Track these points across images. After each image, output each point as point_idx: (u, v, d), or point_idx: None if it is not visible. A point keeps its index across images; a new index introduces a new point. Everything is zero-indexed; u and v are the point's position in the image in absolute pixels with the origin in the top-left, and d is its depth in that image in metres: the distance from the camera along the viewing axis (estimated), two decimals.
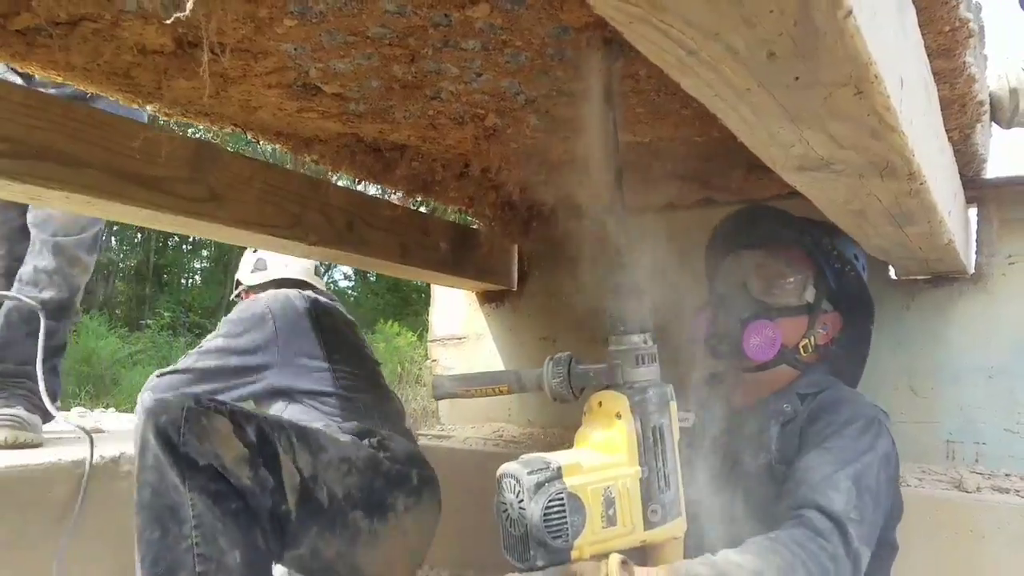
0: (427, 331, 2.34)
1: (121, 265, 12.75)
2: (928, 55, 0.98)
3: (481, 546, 1.88)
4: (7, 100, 1.09)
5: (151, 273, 12.77)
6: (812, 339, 1.28)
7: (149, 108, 1.25)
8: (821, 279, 1.29)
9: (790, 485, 1.10)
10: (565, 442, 1.84)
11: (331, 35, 0.96)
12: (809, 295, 1.28)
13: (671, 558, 0.93)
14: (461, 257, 1.90)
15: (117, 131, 1.19)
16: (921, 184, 0.89)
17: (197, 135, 1.47)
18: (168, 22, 0.78)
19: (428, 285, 2.32)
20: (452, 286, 2.19)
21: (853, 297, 1.31)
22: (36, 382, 1.50)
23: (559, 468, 0.84)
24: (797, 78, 0.59)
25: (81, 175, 1.14)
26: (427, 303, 2.35)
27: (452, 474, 1.95)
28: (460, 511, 1.93)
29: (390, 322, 9.97)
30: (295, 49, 1.00)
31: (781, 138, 0.74)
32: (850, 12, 0.49)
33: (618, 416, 0.91)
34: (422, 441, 2.06)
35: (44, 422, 1.56)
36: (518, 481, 0.83)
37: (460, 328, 2.25)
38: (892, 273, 1.69)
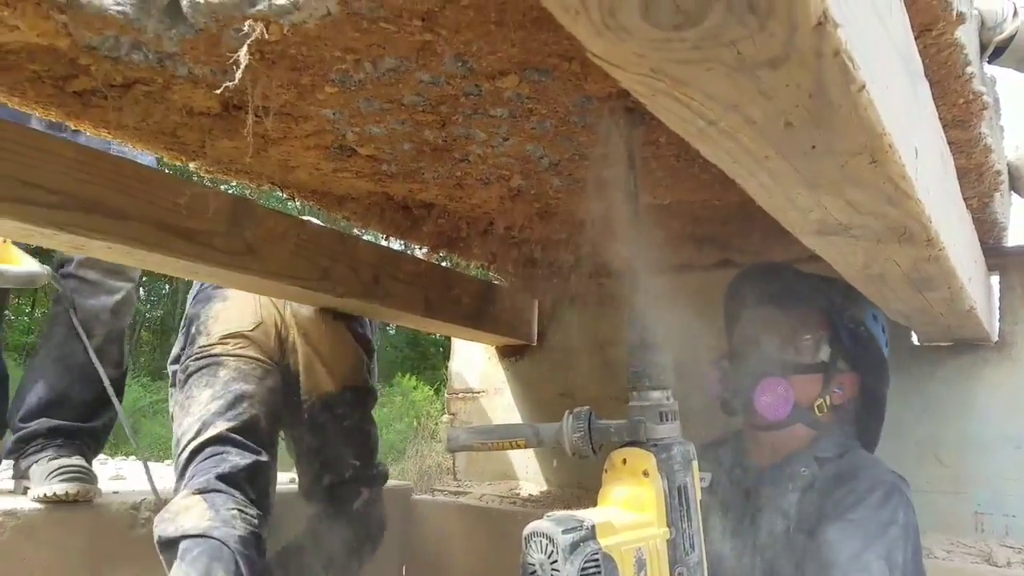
0: (444, 386, 2.35)
1: (148, 315, 12.96)
2: (944, 126, 1.01)
3: None
4: (61, 156, 1.15)
5: (176, 324, 12.95)
6: (827, 399, 1.27)
7: (192, 165, 1.31)
8: (836, 338, 1.29)
9: (816, 564, 1.08)
10: (582, 502, 1.83)
11: (368, 102, 1.01)
12: (824, 354, 1.28)
13: None
14: (483, 311, 1.93)
15: (161, 186, 1.25)
16: (940, 250, 0.91)
17: (229, 190, 1.52)
18: (217, 92, 0.83)
19: (446, 340, 2.35)
20: (473, 340, 2.22)
21: (867, 358, 1.31)
22: (91, 435, 1.53)
23: (593, 527, 0.81)
24: (814, 147, 0.62)
25: (125, 227, 1.20)
26: (445, 357, 2.37)
27: (467, 531, 1.94)
28: (476, 571, 1.90)
29: (408, 376, 9.98)
30: (334, 114, 1.06)
31: (799, 203, 0.77)
32: (863, 86, 0.52)
33: (645, 474, 0.90)
34: (438, 498, 2.05)
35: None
36: (551, 540, 0.80)
37: (479, 382, 2.27)
38: (915, 339, 1.69)
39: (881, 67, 0.56)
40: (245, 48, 0.81)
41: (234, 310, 1.65)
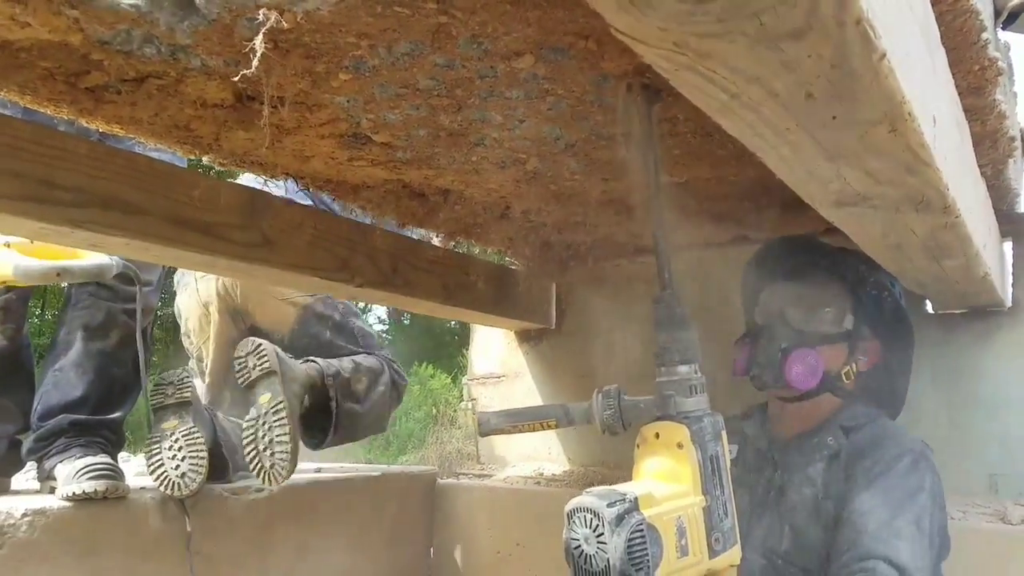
0: (461, 374, 2.37)
1: (160, 312, 13.06)
2: (959, 93, 1.00)
3: None
4: (74, 152, 1.16)
5: None
6: (854, 366, 1.28)
7: (206, 159, 1.31)
8: (859, 306, 1.29)
9: (849, 532, 1.09)
10: (606, 480, 1.85)
11: (383, 88, 1.01)
12: (848, 323, 1.29)
13: None
14: (501, 296, 1.93)
15: (177, 180, 1.25)
16: (956, 217, 0.91)
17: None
18: (235, 79, 0.84)
19: (462, 328, 2.36)
20: (492, 325, 2.23)
21: (892, 324, 1.31)
22: (113, 431, 1.56)
23: (636, 499, 0.82)
24: (834, 117, 0.62)
25: (142, 222, 1.21)
26: (461, 345, 2.39)
27: (493, 513, 1.96)
28: (503, 550, 1.93)
29: (424, 364, 10.02)
30: (348, 101, 1.06)
31: (819, 174, 0.77)
32: (884, 55, 0.52)
33: (679, 446, 0.91)
34: (463, 482, 2.08)
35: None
36: (596, 515, 0.81)
37: (499, 367, 2.28)
38: (929, 307, 1.68)
39: (901, 36, 0.56)
40: (260, 36, 0.81)
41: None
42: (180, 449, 1.52)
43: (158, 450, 1.50)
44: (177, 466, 1.50)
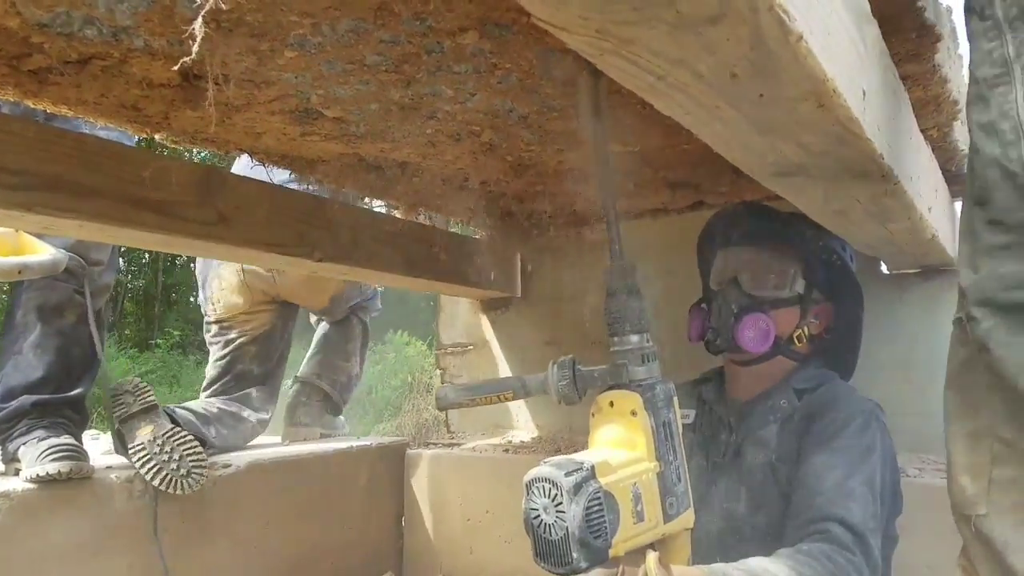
0: (436, 341, 2.38)
1: (129, 286, 12.86)
2: (898, 60, 1.03)
3: (495, 552, 1.93)
4: (21, 135, 1.14)
5: (159, 293, 12.87)
6: (806, 329, 1.32)
7: (157, 137, 1.30)
8: (810, 270, 1.32)
9: (803, 494, 1.13)
10: (573, 445, 1.89)
11: (330, 64, 1.01)
12: (799, 286, 1.31)
13: (681, 549, 0.96)
14: (464, 266, 1.95)
15: (128, 160, 1.24)
16: (895, 184, 0.94)
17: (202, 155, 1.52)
18: (176, 66, 0.83)
19: (435, 295, 2.37)
20: (457, 295, 2.24)
21: (842, 286, 1.35)
22: (75, 410, 1.56)
23: (592, 467, 0.85)
24: (761, 95, 0.63)
25: (94, 204, 1.19)
26: (435, 313, 2.40)
27: (463, 481, 2.00)
28: (472, 518, 1.97)
29: (399, 332, 10.03)
30: (296, 78, 1.05)
31: (754, 148, 0.79)
32: (801, 37, 0.54)
33: (633, 414, 0.93)
34: (433, 450, 2.11)
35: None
36: (554, 484, 0.83)
37: (466, 336, 2.30)
38: (883, 268, 1.73)
39: (820, 15, 0.58)
40: (200, 20, 0.80)
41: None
42: (172, 450, 1.55)
43: (149, 456, 1.52)
44: (178, 466, 1.54)
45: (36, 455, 1.40)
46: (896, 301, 1.71)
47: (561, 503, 0.83)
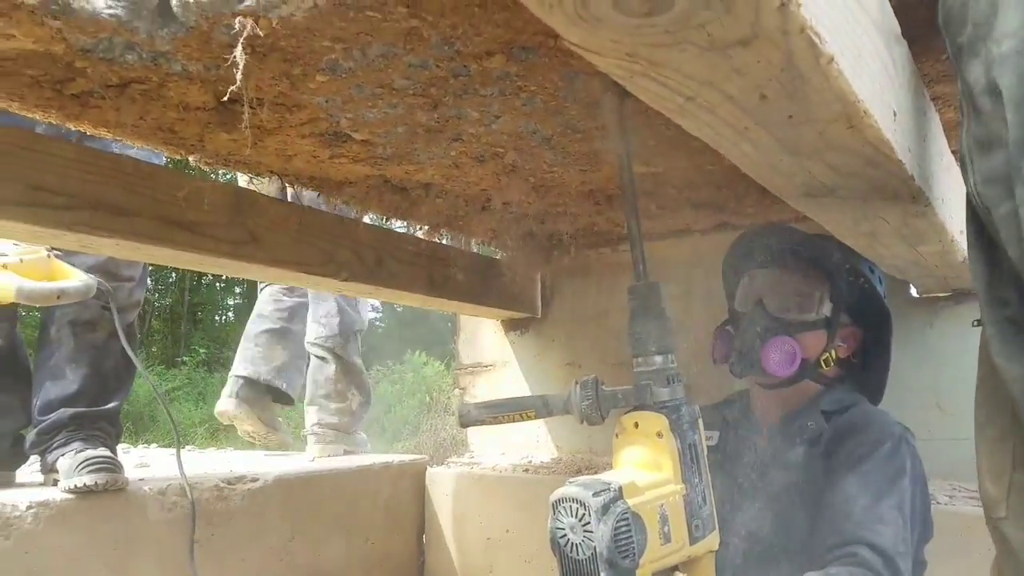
0: (454, 360, 2.39)
1: (156, 304, 13.06)
2: (928, 81, 1.02)
3: (517, 571, 1.91)
4: (60, 156, 1.18)
5: (185, 311, 13.05)
6: (833, 352, 1.30)
7: (191, 159, 1.33)
8: (837, 293, 1.31)
9: (831, 517, 1.11)
10: (593, 466, 1.88)
11: (360, 88, 1.03)
12: (826, 309, 1.30)
13: (706, 571, 0.95)
14: (486, 286, 1.96)
15: (163, 181, 1.27)
16: (926, 206, 0.93)
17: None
18: (213, 91, 0.85)
19: (455, 315, 2.38)
20: (478, 315, 2.25)
21: (870, 310, 1.33)
22: (110, 423, 1.59)
23: (620, 488, 0.84)
24: (790, 116, 0.64)
25: (130, 223, 1.22)
26: (454, 333, 2.41)
27: (482, 500, 1.99)
28: (493, 537, 1.96)
29: (418, 352, 10.07)
30: (326, 101, 1.08)
31: (783, 168, 0.79)
32: (832, 59, 0.54)
33: (659, 435, 0.93)
34: (453, 468, 2.11)
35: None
36: (582, 504, 0.83)
37: (487, 356, 2.30)
38: (913, 291, 1.71)
39: (851, 36, 0.58)
40: (240, 48, 0.83)
41: None
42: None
43: None
44: None
45: (73, 466, 1.43)
46: (926, 325, 1.68)
47: (589, 523, 0.83)
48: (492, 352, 2.29)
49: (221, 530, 1.62)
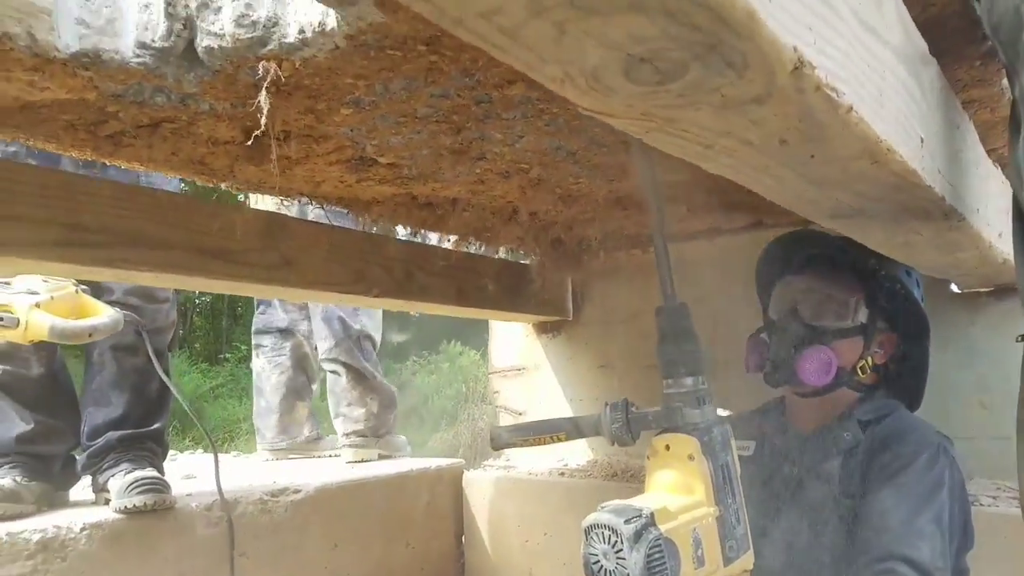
0: (486, 361, 2.40)
1: (197, 301, 13.35)
2: (962, 87, 1.00)
3: (546, 571, 1.93)
4: (97, 195, 1.21)
5: (226, 308, 13.31)
6: (869, 360, 1.27)
7: (224, 186, 1.36)
8: (873, 299, 1.28)
9: (868, 531, 1.10)
10: (628, 469, 1.88)
11: (384, 118, 1.04)
12: (862, 316, 1.27)
13: None
14: (516, 293, 1.96)
15: (196, 212, 1.30)
16: (959, 221, 0.91)
17: None
18: (251, 134, 0.87)
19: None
20: (509, 320, 2.26)
21: (907, 315, 1.31)
22: (156, 442, 1.65)
23: (652, 514, 0.85)
24: (812, 156, 0.63)
25: (167, 256, 1.26)
26: (487, 334, 2.42)
27: (521, 503, 2.01)
28: (531, 540, 1.98)
29: (453, 342, 10.12)
30: (352, 131, 1.09)
31: (808, 196, 0.78)
32: (851, 108, 0.53)
33: (690, 458, 0.93)
34: (489, 472, 2.13)
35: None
36: (614, 531, 0.83)
37: (519, 359, 2.32)
38: (954, 287, 1.67)
39: (872, 80, 0.57)
40: (264, 92, 0.85)
41: None
42: None
43: None
44: None
45: (123, 488, 1.49)
46: (968, 323, 1.64)
47: (621, 550, 0.84)
48: (525, 355, 2.30)
49: (265, 543, 1.67)
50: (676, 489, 0.94)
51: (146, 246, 1.22)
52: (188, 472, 1.99)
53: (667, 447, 0.96)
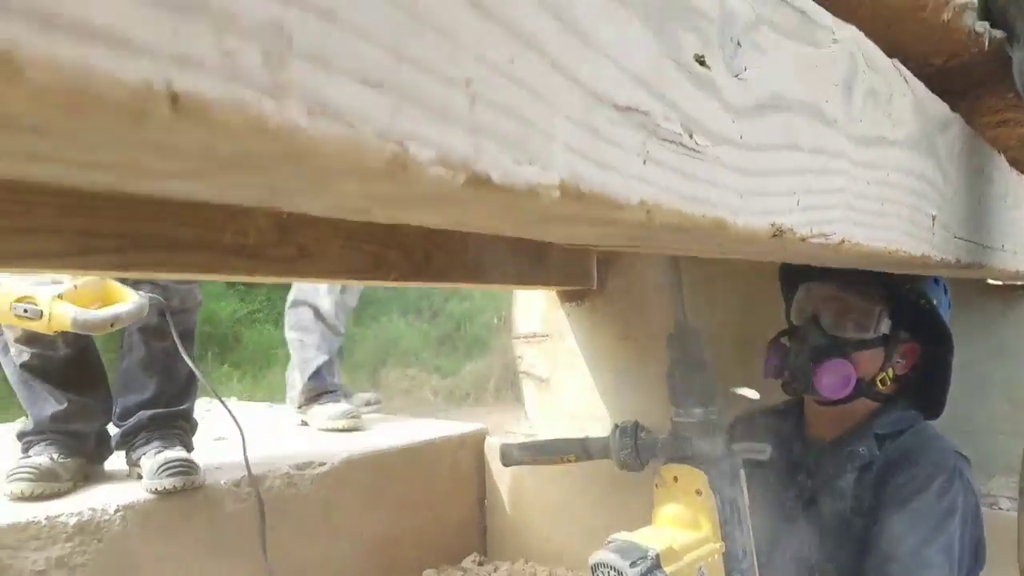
0: (512, 329, 2.42)
1: None
2: (995, 111, 0.93)
3: (574, 542, 2.00)
4: (111, 200, 1.22)
5: None
6: (890, 371, 1.24)
7: None
8: (896, 310, 1.24)
9: (877, 557, 1.10)
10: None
11: None
12: (884, 327, 1.23)
13: None
14: (538, 264, 1.94)
15: (210, 211, 1.30)
16: (982, 268, 0.87)
17: None
18: None
19: None
20: (532, 290, 2.25)
21: (930, 327, 1.26)
22: (186, 419, 1.72)
23: (657, 556, 0.87)
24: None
25: (183, 256, 1.26)
26: (511, 301, 2.42)
27: (540, 472, 2.06)
28: (550, 509, 2.05)
29: None
30: None
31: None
32: (843, 241, 0.50)
33: (698, 492, 0.94)
34: (511, 439, 2.18)
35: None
36: (620, 573, 0.86)
37: (542, 326, 2.32)
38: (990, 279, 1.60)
39: (868, 199, 0.53)
40: None
41: None
42: None
43: None
44: None
45: (154, 469, 1.56)
46: (1000, 316, 1.59)
47: None
48: (548, 322, 2.30)
49: (293, 516, 1.75)
50: (683, 524, 0.95)
51: (161, 248, 1.23)
52: (220, 435, 2.08)
53: (675, 479, 0.97)
